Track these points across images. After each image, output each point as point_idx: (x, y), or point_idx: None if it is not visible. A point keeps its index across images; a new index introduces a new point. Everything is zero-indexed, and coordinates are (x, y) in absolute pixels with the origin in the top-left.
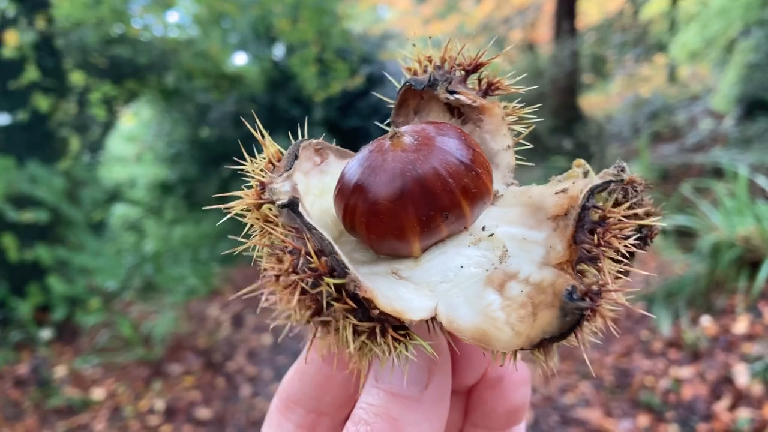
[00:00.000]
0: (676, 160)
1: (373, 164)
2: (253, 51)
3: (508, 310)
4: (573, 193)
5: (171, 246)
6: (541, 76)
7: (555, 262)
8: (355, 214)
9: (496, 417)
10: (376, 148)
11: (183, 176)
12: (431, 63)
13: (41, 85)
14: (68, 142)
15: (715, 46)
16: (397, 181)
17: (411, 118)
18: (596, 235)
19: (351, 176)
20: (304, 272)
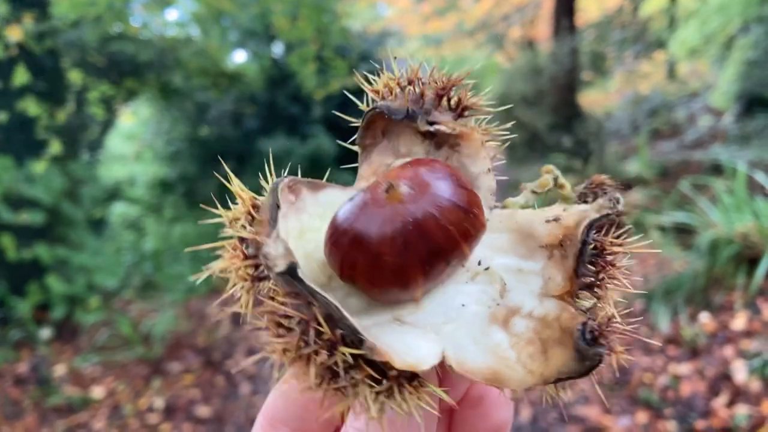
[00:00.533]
0: (675, 157)
1: (371, 217)
2: (252, 49)
3: (518, 348)
4: (567, 224)
5: (171, 244)
6: (540, 74)
7: (555, 293)
8: (356, 269)
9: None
10: (371, 200)
11: (182, 174)
12: (401, 87)
13: (33, 89)
14: (49, 144)
15: (714, 42)
16: (399, 237)
17: (380, 140)
18: (596, 267)
19: (347, 228)
20: (316, 344)
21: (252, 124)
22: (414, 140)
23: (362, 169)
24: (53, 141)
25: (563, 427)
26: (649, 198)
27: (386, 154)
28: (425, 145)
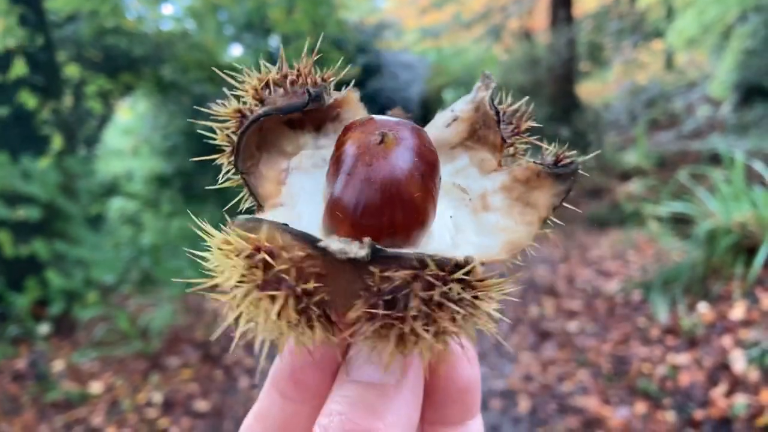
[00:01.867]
0: (674, 147)
1: (383, 167)
2: (248, 42)
3: (509, 215)
4: (467, 116)
5: (169, 239)
6: (537, 65)
7: (494, 167)
8: (396, 221)
9: (450, 403)
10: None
11: (180, 169)
12: (268, 87)
13: (30, 82)
14: (51, 140)
15: (712, 32)
16: (416, 173)
17: (258, 155)
18: (513, 127)
19: (374, 186)
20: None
21: None
22: (292, 135)
23: (263, 188)
24: (55, 135)
25: (562, 418)
26: (648, 188)
27: (276, 162)
28: (306, 133)
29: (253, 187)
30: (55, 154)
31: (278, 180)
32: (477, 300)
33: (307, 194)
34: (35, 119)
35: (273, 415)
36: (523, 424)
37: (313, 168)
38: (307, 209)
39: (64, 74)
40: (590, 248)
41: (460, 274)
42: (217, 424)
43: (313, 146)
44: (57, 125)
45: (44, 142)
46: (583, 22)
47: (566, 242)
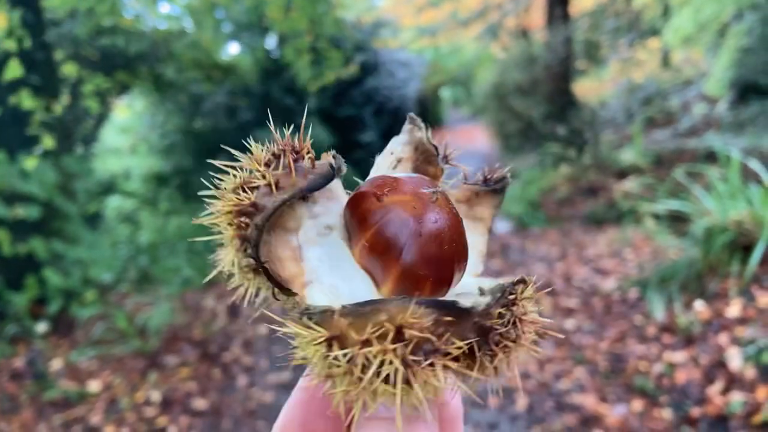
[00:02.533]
0: (670, 145)
1: (437, 217)
2: (246, 41)
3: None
4: (407, 156)
5: (166, 237)
6: (534, 63)
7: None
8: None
9: None
10: (422, 211)
11: (177, 167)
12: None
13: (27, 82)
14: (40, 140)
15: (708, 30)
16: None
17: (267, 238)
18: (444, 155)
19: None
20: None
21: (246, 116)
22: (290, 211)
23: (285, 271)
24: (45, 136)
25: (560, 416)
26: (644, 186)
27: (286, 241)
28: (302, 206)
29: (274, 274)
30: (43, 154)
31: (296, 258)
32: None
33: (325, 264)
34: (32, 118)
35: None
36: (520, 422)
37: (319, 237)
38: (335, 279)
39: (62, 73)
40: (587, 246)
41: (528, 292)
42: (216, 423)
43: (310, 216)
44: (53, 125)
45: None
46: (580, 20)
47: (563, 240)
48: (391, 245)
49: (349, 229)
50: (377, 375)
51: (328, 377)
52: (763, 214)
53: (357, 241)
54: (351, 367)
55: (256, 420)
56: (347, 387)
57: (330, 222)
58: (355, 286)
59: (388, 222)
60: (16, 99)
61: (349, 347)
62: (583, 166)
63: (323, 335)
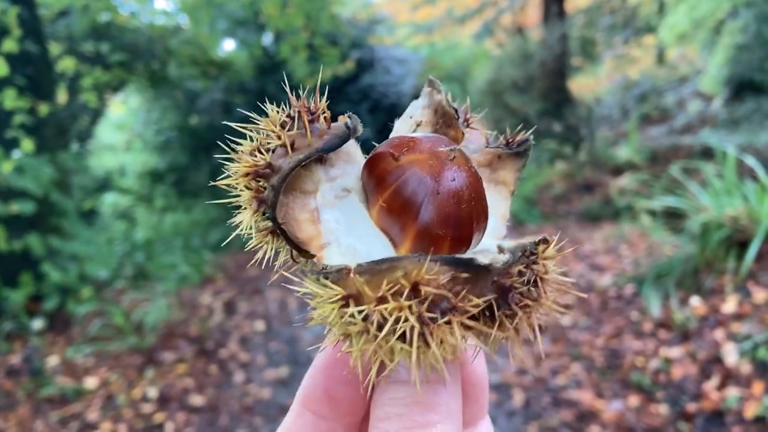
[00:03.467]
0: (665, 142)
1: (457, 173)
2: (241, 37)
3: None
4: (427, 119)
5: (162, 234)
6: (530, 60)
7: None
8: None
9: (465, 401)
10: (442, 168)
11: (173, 164)
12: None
13: (13, 82)
14: (19, 143)
15: (704, 27)
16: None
17: (285, 201)
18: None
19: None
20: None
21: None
22: (307, 173)
23: (302, 232)
24: (24, 139)
25: (556, 411)
26: (640, 183)
27: (304, 203)
28: (317, 168)
29: (291, 235)
30: (24, 155)
31: (313, 220)
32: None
33: (343, 226)
34: (12, 120)
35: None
36: (517, 418)
37: (337, 199)
38: (353, 240)
39: (59, 68)
40: (583, 243)
41: (551, 251)
42: (213, 419)
43: (327, 179)
44: (38, 124)
45: (42, 136)
46: (575, 18)
47: (559, 237)
48: (409, 204)
49: (367, 190)
50: (393, 332)
51: (345, 336)
52: (758, 210)
53: (374, 202)
54: (367, 325)
55: (254, 416)
56: (364, 345)
57: (347, 184)
58: (373, 247)
59: (404, 181)
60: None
61: (364, 305)
62: (579, 162)
63: (339, 293)
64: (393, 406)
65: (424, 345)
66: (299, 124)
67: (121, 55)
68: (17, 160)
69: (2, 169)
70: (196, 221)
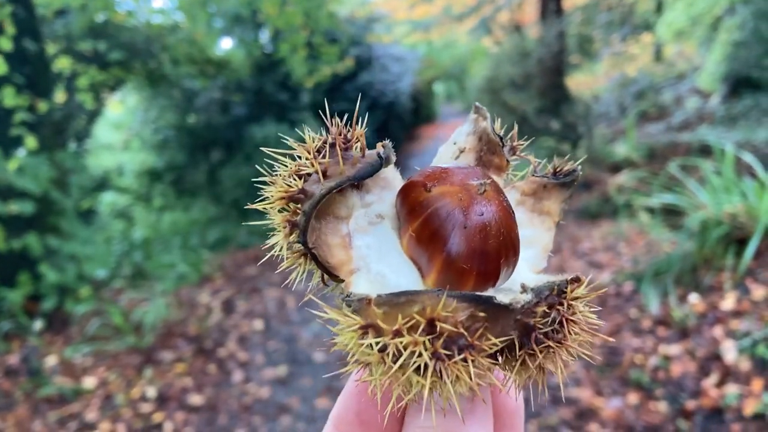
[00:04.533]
0: (663, 139)
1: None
2: (239, 36)
3: (532, 225)
4: (471, 146)
5: (160, 233)
6: (528, 58)
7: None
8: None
9: (499, 427)
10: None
11: (171, 163)
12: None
13: (12, 80)
14: (23, 140)
15: (701, 24)
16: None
17: (317, 226)
18: (511, 149)
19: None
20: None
21: (240, 111)
22: (341, 198)
23: (333, 258)
24: (27, 137)
25: (556, 409)
26: (638, 180)
27: (336, 228)
28: (352, 194)
29: (322, 259)
30: (35, 150)
31: (345, 246)
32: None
33: (375, 252)
34: (14, 118)
35: (359, 397)
36: None
37: (370, 226)
38: (383, 267)
39: (55, 68)
40: (581, 240)
41: (581, 291)
42: (212, 418)
43: (361, 205)
44: (43, 122)
45: (42, 136)
46: (573, 15)
47: (558, 235)
48: (437, 236)
49: (400, 217)
50: (408, 365)
51: (364, 364)
52: (757, 207)
53: (405, 231)
54: (383, 356)
55: (252, 415)
56: (381, 375)
57: (382, 210)
58: (402, 276)
59: (434, 212)
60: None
61: (382, 336)
62: (577, 160)
63: (358, 323)
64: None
65: (439, 380)
66: (333, 152)
67: (118, 53)
68: (21, 159)
69: (8, 167)
70: (194, 220)
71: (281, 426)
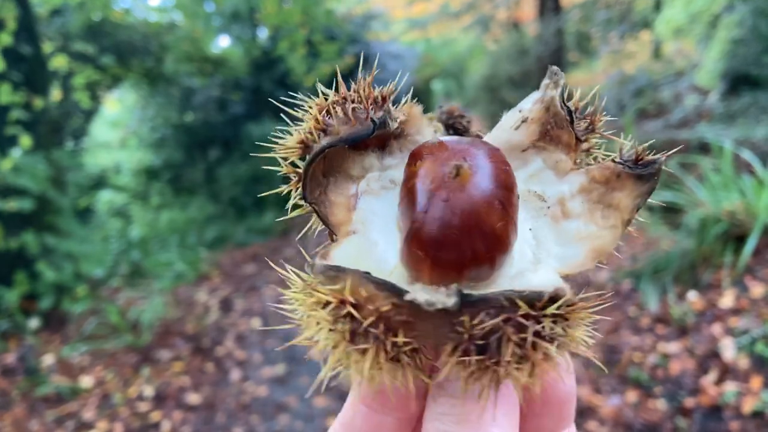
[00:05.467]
0: (662, 136)
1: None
2: (237, 34)
3: (591, 220)
4: (536, 116)
5: (158, 231)
6: (526, 55)
7: (569, 168)
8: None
9: (547, 415)
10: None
11: (168, 161)
12: (340, 113)
13: (9, 77)
14: (18, 139)
15: (700, 21)
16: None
17: (325, 182)
18: (586, 125)
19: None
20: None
21: (238, 109)
22: (357, 157)
23: (333, 216)
24: (23, 136)
25: None
26: None
27: (344, 187)
28: (371, 154)
29: (323, 216)
30: (23, 152)
31: (348, 206)
32: (569, 329)
33: (380, 219)
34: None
35: (358, 425)
36: None
37: (382, 190)
38: (381, 236)
39: (51, 67)
40: None
41: (552, 310)
42: (209, 417)
43: (379, 167)
44: (41, 119)
45: (37, 134)
46: (571, 12)
47: None
48: (405, 214)
49: None
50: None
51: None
52: (756, 204)
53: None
54: (309, 321)
55: (250, 414)
56: (305, 340)
57: (396, 176)
58: (390, 250)
59: (410, 189)
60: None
61: (315, 302)
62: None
63: (302, 287)
64: (442, 422)
65: (345, 359)
66: (343, 110)
67: (115, 52)
68: (16, 158)
69: (1, 167)
70: (191, 219)
71: (279, 425)
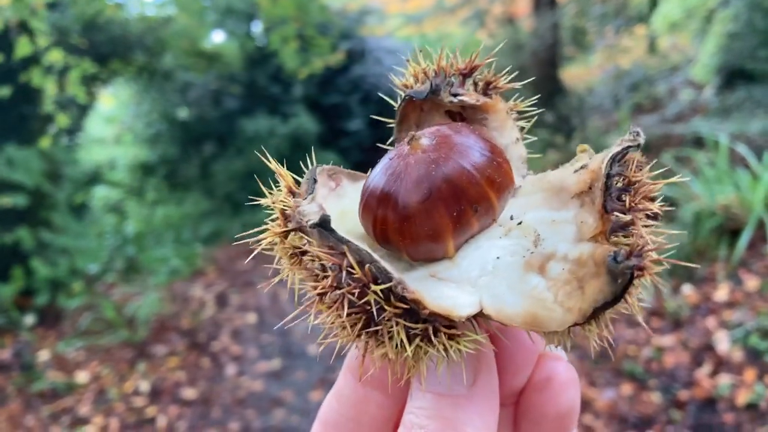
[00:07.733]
0: (657, 131)
1: (396, 171)
2: (231, 28)
3: (554, 289)
4: (594, 167)
5: (153, 227)
6: (521, 50)
7: (589, 235)
8: (387, 223)
9: (547, 423)
10: (396, 155)
11: (163, 157)
12: (426, 74)
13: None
14: (53, 119)
15: (695, 16)
16: (424, 182)
17: (415, 130)
18: (626, 200)
19: (376, 187)
20: (348, 285)
21: (232, 104)
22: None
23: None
24: (59, 114)
25: None
26: None
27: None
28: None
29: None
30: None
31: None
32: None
33: None
34: (19, 105)
35: (347, 395)
36: None
37: None
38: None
39: (46, 62)
40: None
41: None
42: (205, 412)
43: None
44: (35, 116)
45: (29, 128)
46: (567, 7)
47: None
48: None
49: None
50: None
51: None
52: (750, 198)
53: None
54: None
55: (246, 409)
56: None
57: None
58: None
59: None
60: (27, 77)
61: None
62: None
63: (275, 228)
64: (417, 416)
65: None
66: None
67: (110, 47)
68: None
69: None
70: (187, 214)
71: (275, 419)
